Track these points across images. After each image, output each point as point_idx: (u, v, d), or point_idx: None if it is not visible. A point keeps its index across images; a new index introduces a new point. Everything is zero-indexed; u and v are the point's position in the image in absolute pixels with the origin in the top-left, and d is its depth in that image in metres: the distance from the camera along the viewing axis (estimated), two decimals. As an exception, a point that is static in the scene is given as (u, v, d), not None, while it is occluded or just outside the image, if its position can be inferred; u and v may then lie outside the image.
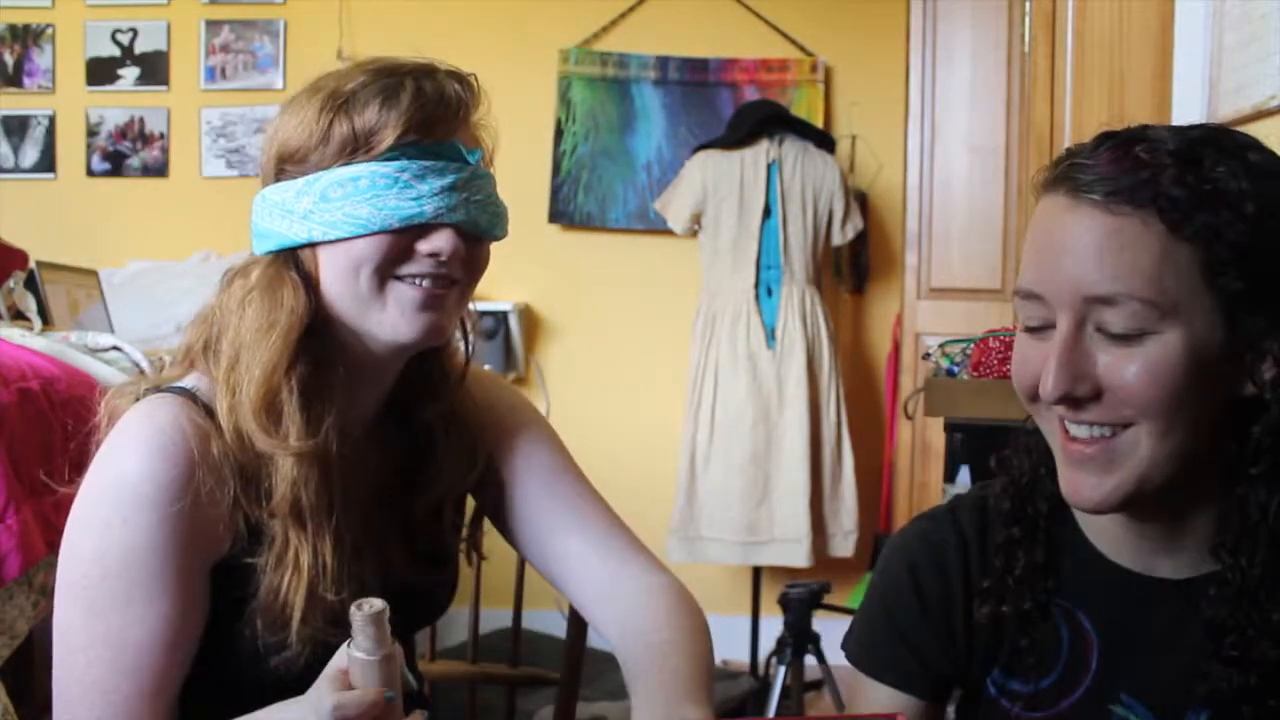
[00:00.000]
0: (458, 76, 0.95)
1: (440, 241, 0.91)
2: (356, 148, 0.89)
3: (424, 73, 0.93)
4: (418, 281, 0.92)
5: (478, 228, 0.94)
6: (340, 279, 0.91)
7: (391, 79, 0.91)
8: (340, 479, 0.93)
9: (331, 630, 0.90)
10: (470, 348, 1.07)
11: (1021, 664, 0.89)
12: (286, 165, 0.92)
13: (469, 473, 1.06)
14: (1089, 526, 0.90)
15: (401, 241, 0.90)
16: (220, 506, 0.90)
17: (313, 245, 0.91)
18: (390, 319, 0.92)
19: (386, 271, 0.91)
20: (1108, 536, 0.89)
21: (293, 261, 0.92)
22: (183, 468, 0.87)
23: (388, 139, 0.89)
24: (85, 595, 0.87)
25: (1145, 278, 0.76)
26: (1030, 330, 0.83)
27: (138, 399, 0.93)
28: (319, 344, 0.92)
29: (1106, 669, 0.87)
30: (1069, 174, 0.80)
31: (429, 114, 0.90)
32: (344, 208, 0.88)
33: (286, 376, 0.89)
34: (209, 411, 0.91)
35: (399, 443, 1.05)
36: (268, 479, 0.91)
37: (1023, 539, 0.90)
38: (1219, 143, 0.79)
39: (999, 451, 0.95)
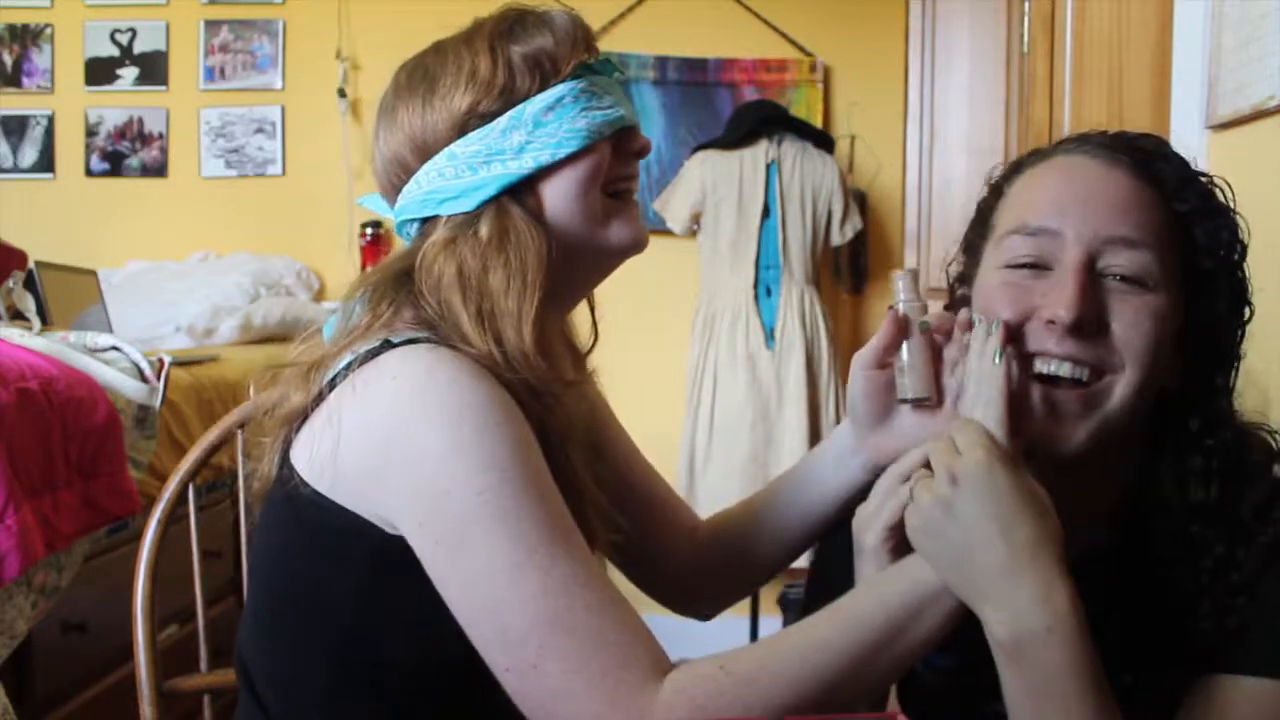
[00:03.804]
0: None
1: (643, 139, 0.97)
2: (545, 73, 0.93)
3: (551, 8, 0.98)
4: (628, 189, 0.97)
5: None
6: (571, 202, 0.93)
7: (532, 14, 0.95)
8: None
9: (612, 537, 0.94)
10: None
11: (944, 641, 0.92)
12: (472, 117, 0.92)
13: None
14: None
15: (614, 148, 0.95)
16: None
17: (534, 180, 0.92)
18: (618, 232, 0.96)
19: (609, 182, 0.95)
20: None
21: (515, 204, 0.92)
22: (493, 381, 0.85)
23: (568, 59, 0.93)
24: (502, 510, 0.79)
25: (1159, 239, 0.84)
26: (1020, 270, 0.86)
27: (351, 365, 0.86)
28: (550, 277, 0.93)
29: None
30: (1088, 138, 0.88)
31: (583, 35, 0.96)
32: (561, 126, 0.91)
33: (549, 313, 0.92)
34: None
35: None
36: (542, 414, 0.89)
37: None
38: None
39: None
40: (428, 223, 0.95)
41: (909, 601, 0.78)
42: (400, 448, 0.82)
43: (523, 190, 0.92)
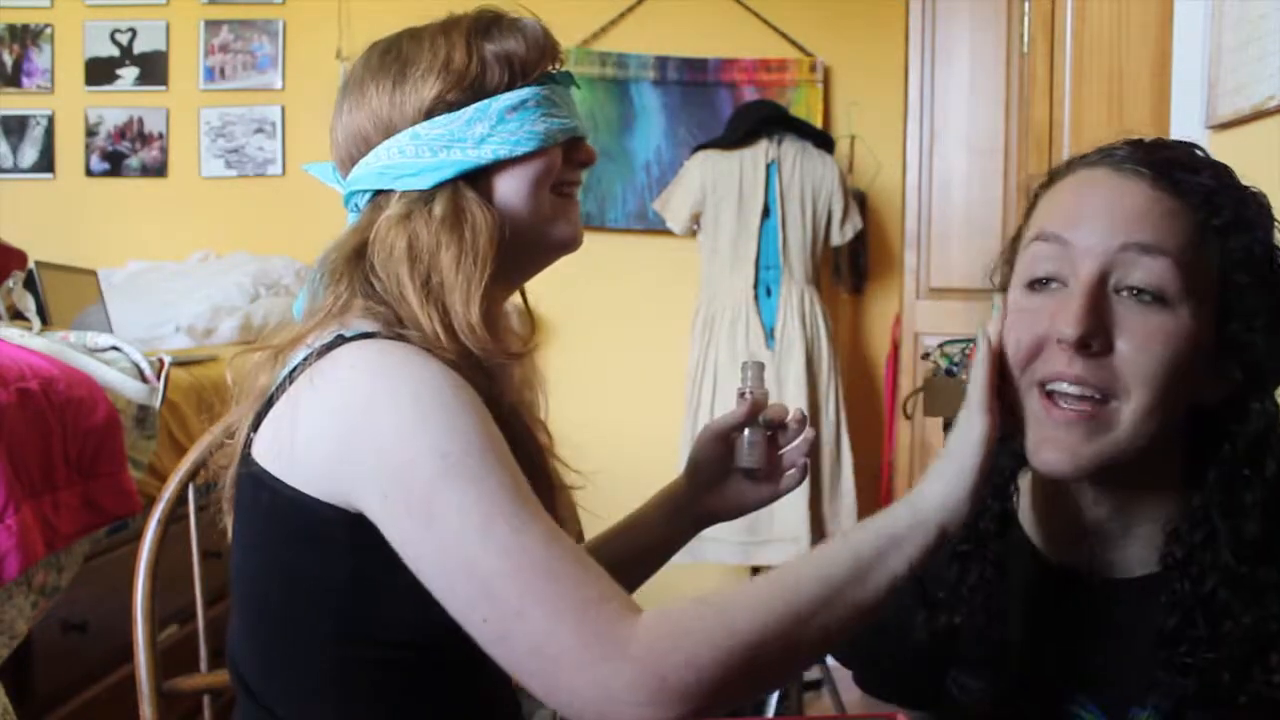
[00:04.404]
0: None
1: (590, 151, 1.04)
2: (514, 74, 0.98)
3: (524, 16, 1.03)
4: (572, 192, 1.03)
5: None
6: (522, 196, 0.98)
7: (507, 18, 1.01)
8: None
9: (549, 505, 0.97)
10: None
11: (978, 665, 0.91)
12: (439, 104, 0.97)
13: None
14: (1037, 534, 0.92)
15: (564, 154, 1.00)
16: None
17: (489, 170, 0.97)
18: (561, 229, 1.01)
19: (557, 184, 1.00)
20: (1056, 542, 0.91)
21: (469, 188, 0.97)
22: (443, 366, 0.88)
23: (536, 65, 0.99)
24: (467, 474, 0.81)
25: (1180, 246, 0.80)
26: (1036, 286, 0.85)
27: (308, 359, 0.89)
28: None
29: (1058, 669, 0.89)
30: (1108, 153, 0.85)
31: (551, 46, 1.01)
32: (523, 126, 0.97)
33: (493, 292, 0.96)
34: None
35: None
36: (486, 387, 0.92)
37: (974, 552, 0.92)
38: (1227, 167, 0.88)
39: None
40: (380, 195, 0.99)
41: (877, 544, 0.81)
42: (363, 429, 0.84)
43: (477, 178, 0.97)
